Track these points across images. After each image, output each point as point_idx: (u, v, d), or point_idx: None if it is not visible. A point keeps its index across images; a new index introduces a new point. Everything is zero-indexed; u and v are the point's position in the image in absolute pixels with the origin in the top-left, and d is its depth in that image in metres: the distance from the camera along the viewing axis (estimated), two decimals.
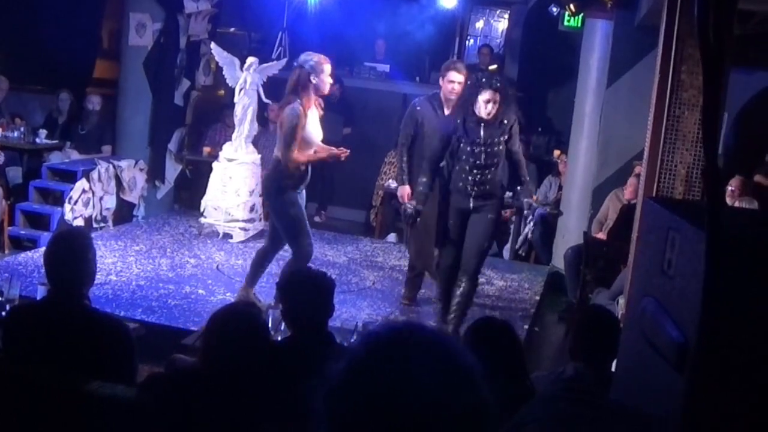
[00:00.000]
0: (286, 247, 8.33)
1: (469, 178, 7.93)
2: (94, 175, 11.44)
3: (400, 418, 1.73)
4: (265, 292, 8.44)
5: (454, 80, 8.84)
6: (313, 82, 8.11)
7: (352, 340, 6.26)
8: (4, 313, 5.45)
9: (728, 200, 9.07)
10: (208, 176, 11.79)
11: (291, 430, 3.94)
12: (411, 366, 1.77)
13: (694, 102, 7.35)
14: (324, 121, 14.00)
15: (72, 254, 4.73)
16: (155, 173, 12.64)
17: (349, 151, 8.43)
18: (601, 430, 3.26)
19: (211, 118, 13.81)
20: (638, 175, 9.26)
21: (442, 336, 1.89)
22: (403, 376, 1.76)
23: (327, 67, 8.15)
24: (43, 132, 12.43)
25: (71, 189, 11.09)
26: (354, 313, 8.70)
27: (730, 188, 9.23)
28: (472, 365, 1.83)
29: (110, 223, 11.81)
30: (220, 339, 4.12)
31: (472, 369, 1.83)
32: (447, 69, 9.01)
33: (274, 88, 12.09)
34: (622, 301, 8.06)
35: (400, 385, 1.75)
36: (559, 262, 11.28)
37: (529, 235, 12.44)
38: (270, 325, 6.08)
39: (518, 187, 8.36)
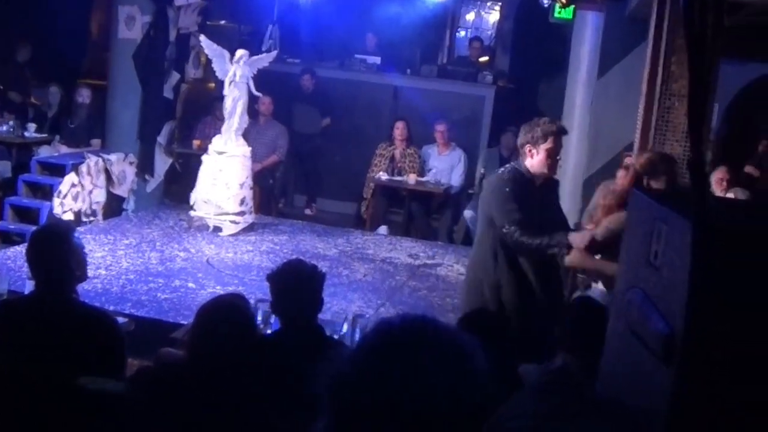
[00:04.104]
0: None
1: None
2: (84, 168, 11.40)
3: (405, 411, 1.73)
4: (255, 286, 8.42)
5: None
6: None
7: (343, 333, 6.25)
8: None
9: (719, 191, 9.08)
10: (198, 169, 11.75)
11: (280, 422, 3.93)
12: (423, 361, 1.77)
13: (684, 93, 7.36)
14: (299, 115, 14.05)
15: (52, 250, 4.70)
16: (145, 167, 12.60)
17: None
18: (586, 423, 3.25)
19: (201, 111, 13.77)
20: (628, 167, 9.25)
21: (456, 333, 1.88)
22: (413, 370, 1.75)
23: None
24: (32, 126, 12.41)
25: (60, 183, 11.05)
26: (345, 305, 8.67)
27: (718, 177, 9.24)
28: (482, 365, 1.83)
29: (100, 216, 11.78)
30: (207, 331, 4.10)
31: (481, 369, 1.82)
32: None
33: (264, 81, 12.08)
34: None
35: (410, 378, 1.75)
36: None
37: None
38: (260, 318, 6.07)
39: None
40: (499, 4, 17.61)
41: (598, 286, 9.05)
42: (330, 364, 1.87)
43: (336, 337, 5.89)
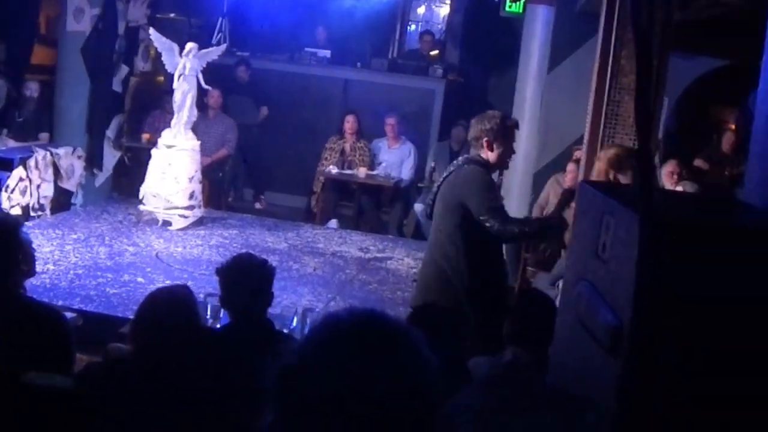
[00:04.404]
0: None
1: None
2: (31, 162, 11.27)
3: (352, 405, 1.72)
4: (205, 280, 8.38)
5: None
6: None
7: (293, 327, 6.24)
8: None
9: (669, 184, 9.16)
10: (147, 163, 11.68)
11: (229, 416, 3.92)
12: (370, 355, 1.76)
13: (633, 87, 7.38)
14: (235, 107, 14.02)
15: None
16: (93, 161, 12.50)
17: None
18: (535, 417, 3.26)
19: (150, 104, 13.69)
20: (577, 161, 9.29)
21: (404, 327, 1.87)
22: (361, 364, 1.74)
23: None
24: None
25: (8, 177, 10.91)
26: (295, 299, 8.66)
27: (669, 170, 9.31)
28: (430, 359, 1.82)
29: (48, 211, 11.66)
30: (151, 322, 4.09)
31: (430, 363, 1.82)
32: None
33: (213, 74, 12.02)
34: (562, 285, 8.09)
35: (358, 372, 1.74)
36: None
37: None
38: (209, 312, 6.05)
39: None
40: None
41: (544, 276, 9.11)
42: (279, 359, 1.86)
43: (286, 331, 5.89)
